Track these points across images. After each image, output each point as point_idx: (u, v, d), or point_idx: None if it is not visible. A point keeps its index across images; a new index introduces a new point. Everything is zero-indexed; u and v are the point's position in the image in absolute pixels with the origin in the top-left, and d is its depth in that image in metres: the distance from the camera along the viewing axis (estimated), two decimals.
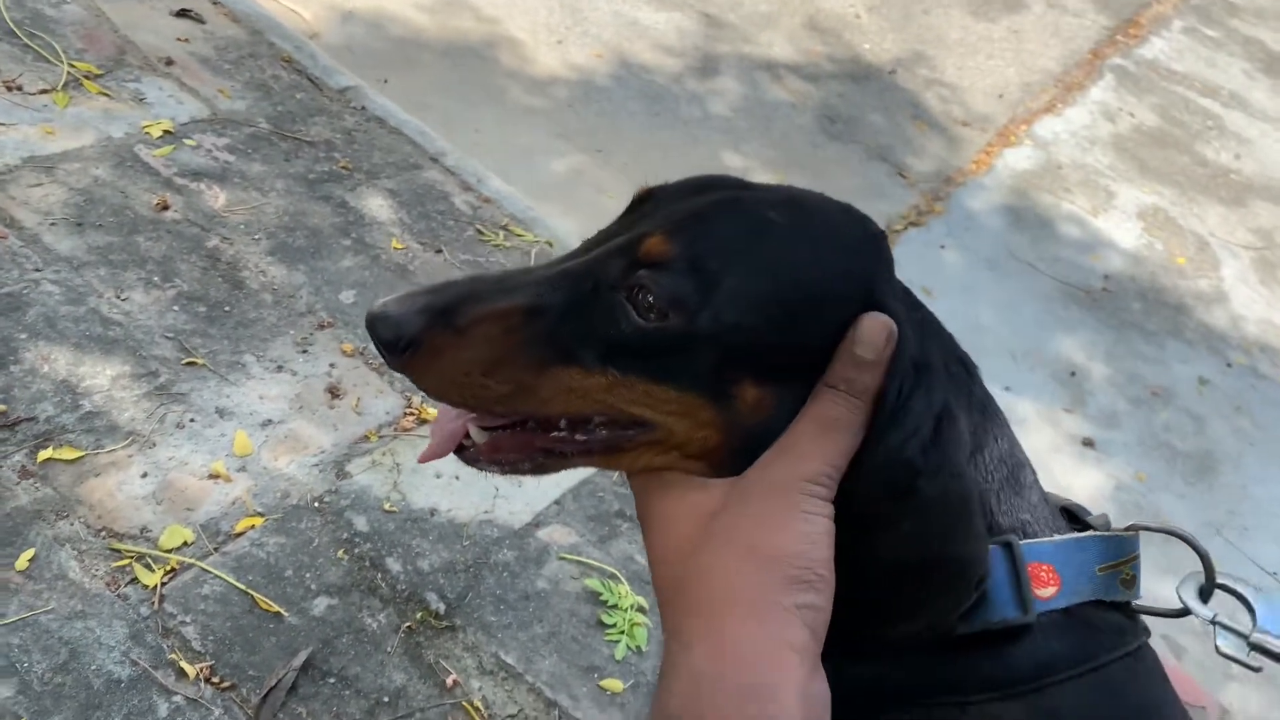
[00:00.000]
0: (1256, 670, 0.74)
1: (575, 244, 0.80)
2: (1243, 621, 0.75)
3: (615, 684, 2.02)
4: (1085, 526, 0.80)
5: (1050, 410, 3.85)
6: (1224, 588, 0.77)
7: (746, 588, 0.64)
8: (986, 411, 0.78)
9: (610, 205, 3.45)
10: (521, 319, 0.71)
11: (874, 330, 0.68)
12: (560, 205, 3.68)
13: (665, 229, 0.71)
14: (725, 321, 0.68)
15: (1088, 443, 3.75)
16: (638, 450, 0.73)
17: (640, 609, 2.16)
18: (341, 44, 4.15)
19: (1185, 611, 0.76)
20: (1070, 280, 4.45)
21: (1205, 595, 0.77)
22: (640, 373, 0.70)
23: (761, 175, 4.35)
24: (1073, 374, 4.02)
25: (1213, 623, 0.75)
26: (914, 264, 4.26)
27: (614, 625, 2.11)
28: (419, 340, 0.69)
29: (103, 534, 1.93)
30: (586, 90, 4.47)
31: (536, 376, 0.71)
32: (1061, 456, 3.68)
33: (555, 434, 0.75)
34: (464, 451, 0.77)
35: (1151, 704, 0.73)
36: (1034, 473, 0.80)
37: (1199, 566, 0.79)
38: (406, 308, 0.70)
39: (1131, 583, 0.75)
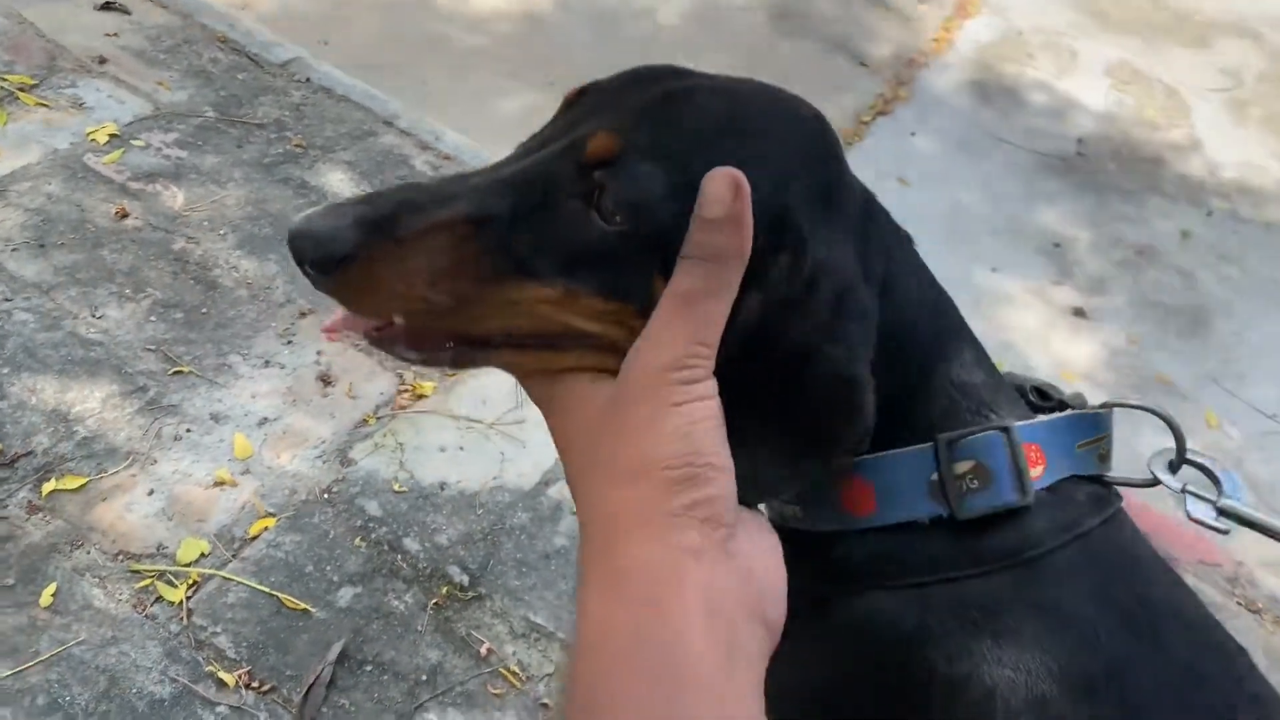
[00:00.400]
0: (1225, 533, 0.78)
1: None
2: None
3: None
4: (1058, 405, 0.82)
5: (1039, 285, 3.85)
6: (1192, 463, 0.80)
7: (628, 511, 0.60)
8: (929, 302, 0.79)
9: None
10: (470, 228, 0.66)
11: (717, 185, 0.62)
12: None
13: (612, 126, 0.68)
14: (665, 224, 0.64)
15: (1079, 312, 3.77)
16: (569, 351, 0.69)
17: None
18: (275, 11, 4.03)
19: (1156, 482, 0.79)
20: (1044, 150, 4.40)
21: (1175, 469, 0.80)
22: (593, 284, 0.66)
23: None
24: (1057, 245, 4.01)
25: (1183, 491, 0.78)
26: (886, 154, 4.21)
27: None
28: (353, 255, 0.62)
29: (120, 557, 1.94)
30: (531, 22, 4.35)
31: (481, 289, 0.66)
32: (1055, 330, 3.69)
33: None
34: (380, 332, 0.69)
35: (1131, 560, 0.76)
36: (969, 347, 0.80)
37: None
38: (337, 220, 0.63)
39: (1107, 457, 0.78)
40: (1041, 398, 0.84)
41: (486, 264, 0.66)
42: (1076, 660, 0.70)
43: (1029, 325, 3.67)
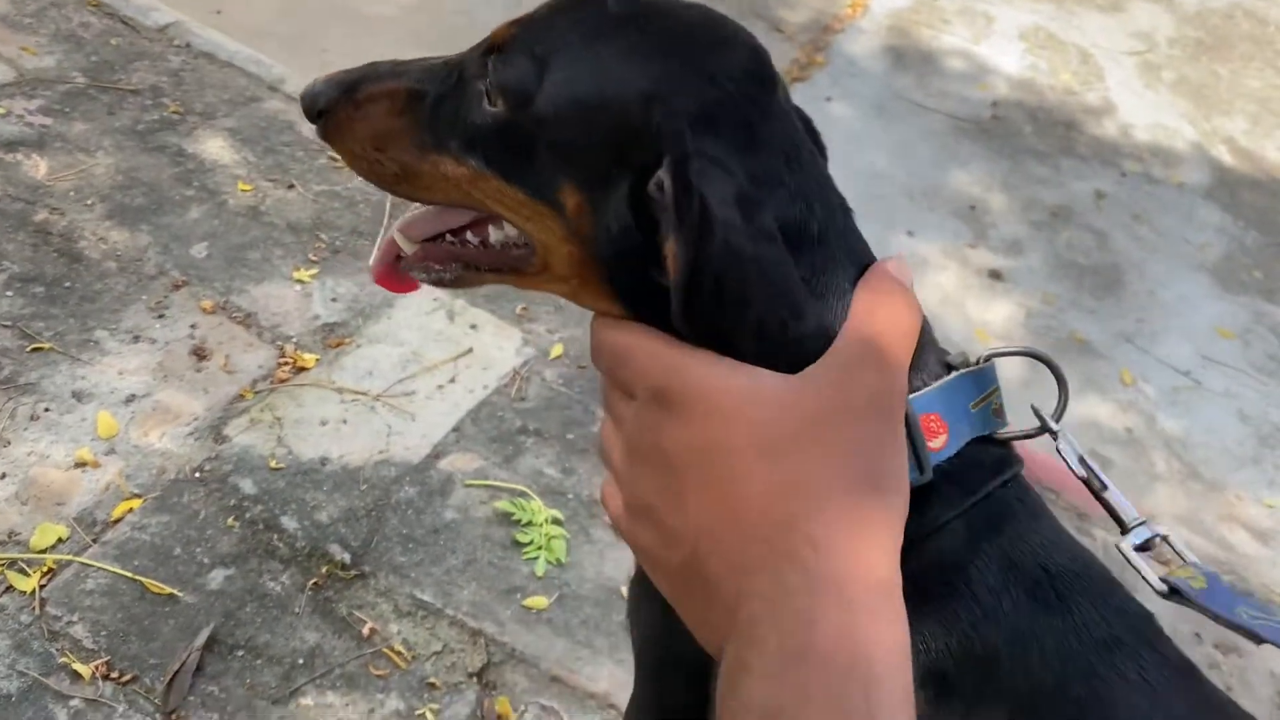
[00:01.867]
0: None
1: None
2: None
3: (539, 601, 1.98)
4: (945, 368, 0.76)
5: (955, 247, 3.83)
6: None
7: (867, 511, 0.57)
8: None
9: None
10: (404, 101, 0.74)
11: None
12: None
13: (517, 19, 0.72)
14: (546, 114, 0.68)
15: (995, 274, 3.75)
16: (534, 272, 0.74)
17: (556, 521, 2.10)
18: None
19: (1043, 430, 0.73)
20: (959, 114, 4.39)
21: (1059, 412, 0.74)
22: (494, 168, 0.71)
23: None
24: (972, 208, 3.99)
25: (1052, 433, 0.72)
26: None
27: (530, 542, 2.06)
28: (328, 111, 0.76)
29: None
30: None
31: (418, 160, 0.74)
32: (971, 291, 3.67)
33: (466, 247, 0.79)
34: (399, 263, 0.81)
35: (1033, 524, 0.72)
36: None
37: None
38: (325, 83, 0.76)
39: (1000, 412, 0.72)
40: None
41: (417, 136, 0.74)
42: (979, 632, 0.66)
43: (946, 287, 3.65)
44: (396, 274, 0.81)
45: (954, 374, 0.71)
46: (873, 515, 0.57)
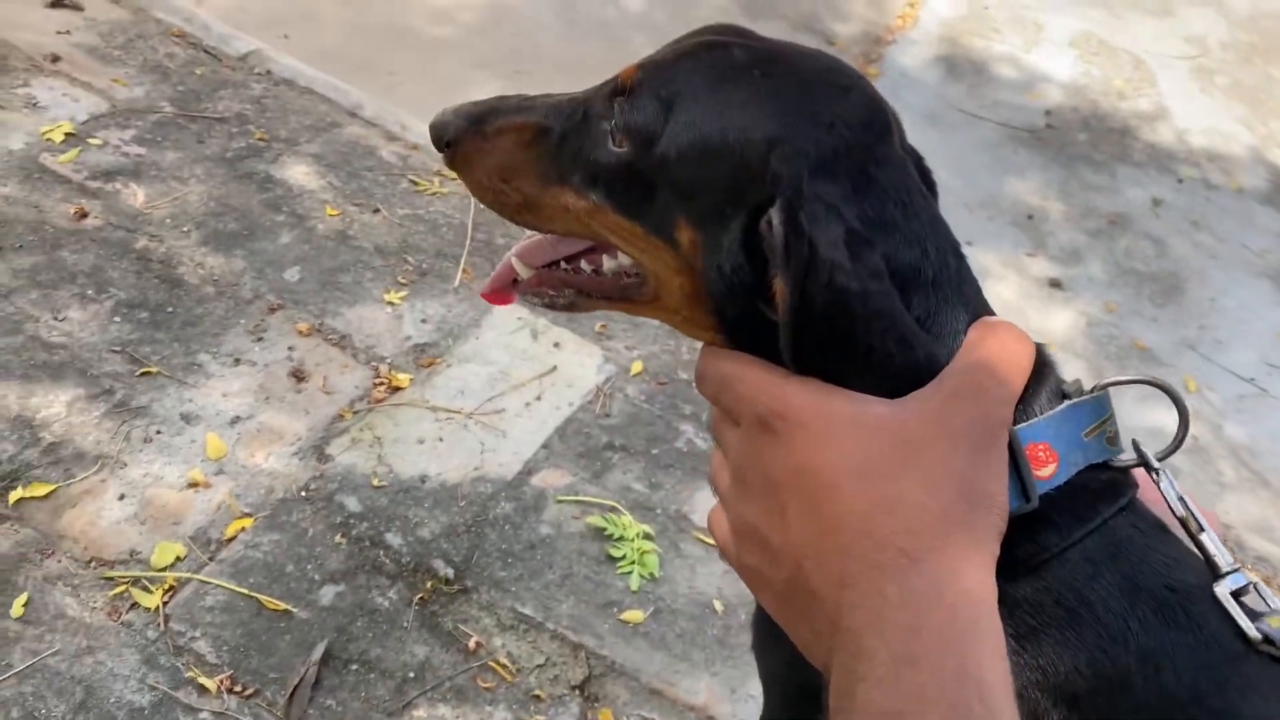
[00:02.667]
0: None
1: None
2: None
3: (635, 615, 2.03)
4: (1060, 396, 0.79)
5: (1014, 257, 3.85)
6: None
7: (962, 530, 0.60)
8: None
9: None
10: (532, 135, 0.79)
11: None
12: None
13: (643, 61, 0.76)
14: (669, 155, 0.71)
15: (1055, 283, 3.77)
16: (645, 300, 0.78)
17: (647, 536, 2.16)
18: (232, 5, 3.95)
19: (1142, 463, 0.73)
20: (1013, 122, 4.40)
21: (1180, 440, 0.74)
22: (614, 203, 0.75)
23: None
24: (1030, 217, 4.01)
25: (1152, 469, 0.73)
26: None
27: (623, 557, 2.11)
28: (456, 141, 0.80)
29: (92, 565, 1.88)
30: (496, 11, 4.30)
31: (541, 192, 0.79)
32: (1031, 301, 3.69)
33: (580, 274, 0.83)
34: (515, 286, 0.86)
35: (1153, 545, 0.72)
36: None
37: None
38: (454, 114, 0.81)
39: (1115, 440, 0.73)
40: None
41: (542, 169, 0.78)
42: (1109, 654, 0.67)
43: (1006, 297, 3.67)
44: (504, 293, 0.86)
45: (1066, 404, 0.72)
46: (965, 534, 0.60)
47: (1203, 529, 0.72)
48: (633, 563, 2.10)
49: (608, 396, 2.44)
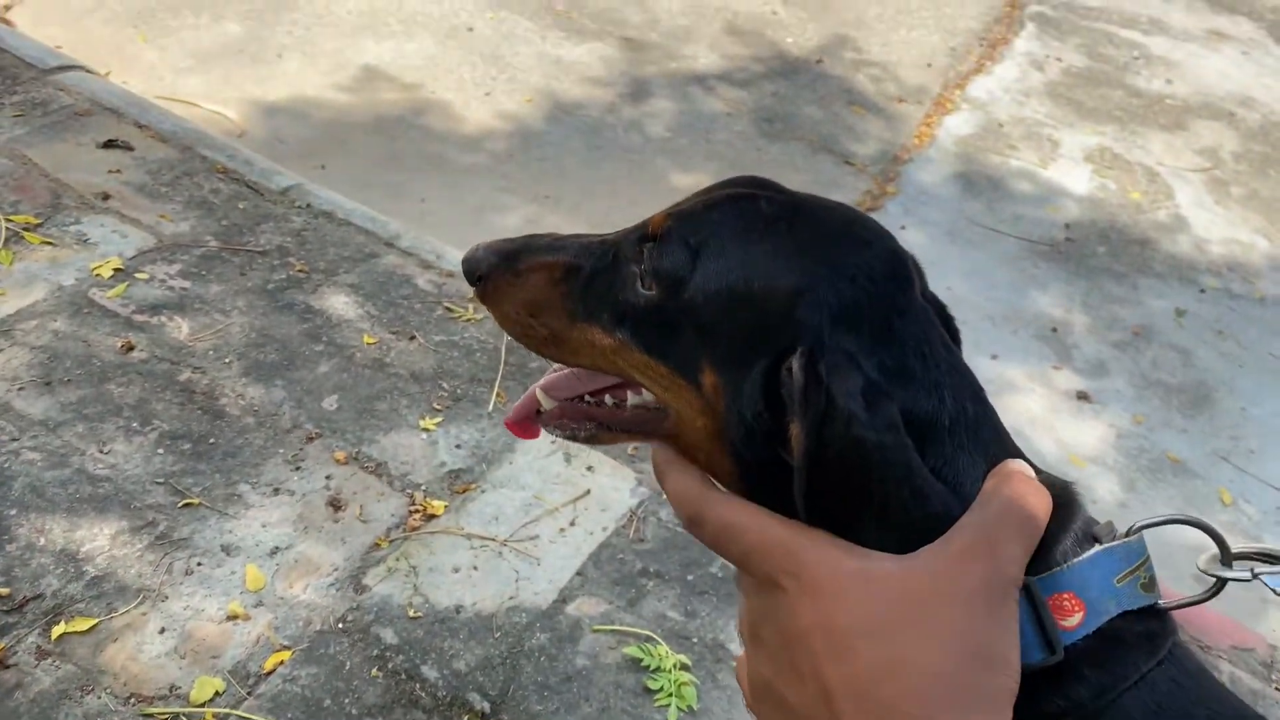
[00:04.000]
0: None
1: None
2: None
3: None
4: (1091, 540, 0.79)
5: (1040, 370, 3.86)
6: (1241, 555, 0.74)
7: (971, 693, 0.59)
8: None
9: None
10: (562, 273, 0.82)
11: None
12: None
13: (671, 210, 0.80)
14: (695, 300, 0.75)
15: (1082, 396, 3.77)
16: (665, 435, 0.80)
17: (684, 667, 2.14)
18: (271, 138, 4.12)
19: (1221, 586, 0.73)
20: (1033, 236, 4.47)
21: (1227, 565, 0.73)
22: (640, 342, 0.77)
23: None
24: (1054, 330, 4.04)
25: (1254, 576, 0.72)
26: None
27: (661, 689, 2.09)
28: (488, 276, 0.84)
29: (132, 701, 1.89)
30: (524, 138, 4.45)
31: (569, 328, 0.82)
32: (1059, 415, 3.69)
33: (602, 407, 0.86)
34: (539, 417, 0.88)
35: (1199, 698, 0.70)
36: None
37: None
38: (486, 250, 0.85)
39: (1151, 585, 0.72)
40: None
41: (570, 306, 0.82)
42: None
43: (1034, 411, 3.67)
44: (528, 425, 0.89)
45: (1095, 549, 0.70)
46: (974, 698, 0.59)
47: None
48: (670, 695, 2.08)
49: (641, 520, 2.45)
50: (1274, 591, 0.75)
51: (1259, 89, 5.82)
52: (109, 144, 3.16)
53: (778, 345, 0.71)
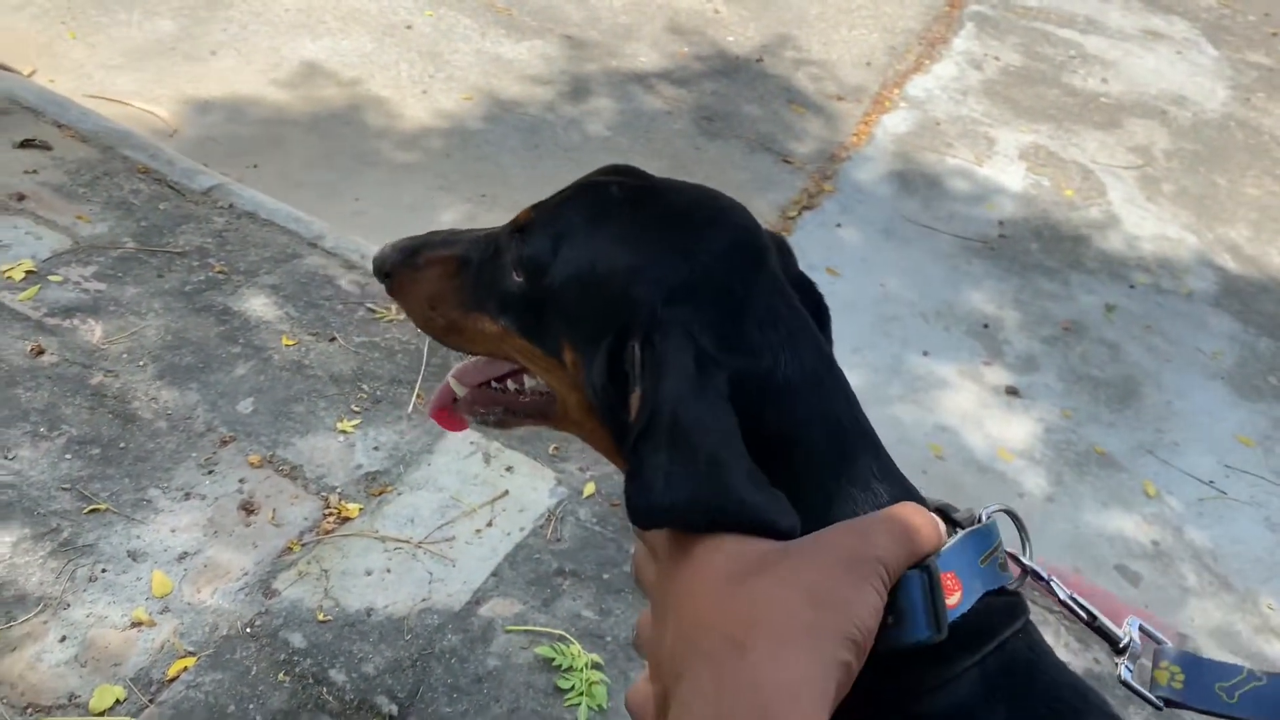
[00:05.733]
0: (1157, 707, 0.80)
1: None
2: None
3: None
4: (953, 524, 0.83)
5: (970, 366, 3.90)
6: (1024, 566, 0.82)
7: (801, 624, 0.61)
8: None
9: None
10: (455, 267, 0.89)
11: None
12: None
13: (536, 204, 0.86)
14: (554, 286, 0.81)
15: (1012, 391, 3.82)
16: (559, 417, 0.87)
17: (596, 666, 2.14)
18: (204, 137, 4.07)
19: (1030, 575, 0.81)
20: (967, 234, 4.52)
21: (1022, 562, 0.82)
22: (518, 327, 0.85)
23: None
24: (985, 326, 4.09)
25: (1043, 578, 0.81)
26: (814, 246, 4.30)
27: (572, 688, 2.09)
28: (392, 273, 0.92)
29: (29, 711, 1.86)
30: (462, 136, 4.43)
31: (463, 318, 0.89)
32: (989, 410, 3.73)
33: (506, 393, 0.93)
34: (455, 405, 0.96)
35: (1041, 667, 0.77)
36: (878, 461, 0.80)
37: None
38: (391, 248, 0.93)
39: (1005, 566, 0.78)
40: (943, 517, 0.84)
41: (462, 297, 0.88)
42: None
43: (964, 407, 3.71)
44: (450, 414, 0.96)
45: (964, 533, 0.76)
46: (803, 632, 0.61)
47: (1095, 617, 0.80)
48: (581, 694, 2.08)
49: (559, 520, 2.45)
50: (1061, 604, 0.80)
51: (1192, 87, 5.92)
52: (26, 144, 3.11)
53: (619, 322, 0.76)
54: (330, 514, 2.32)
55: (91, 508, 2.21)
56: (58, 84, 4.04)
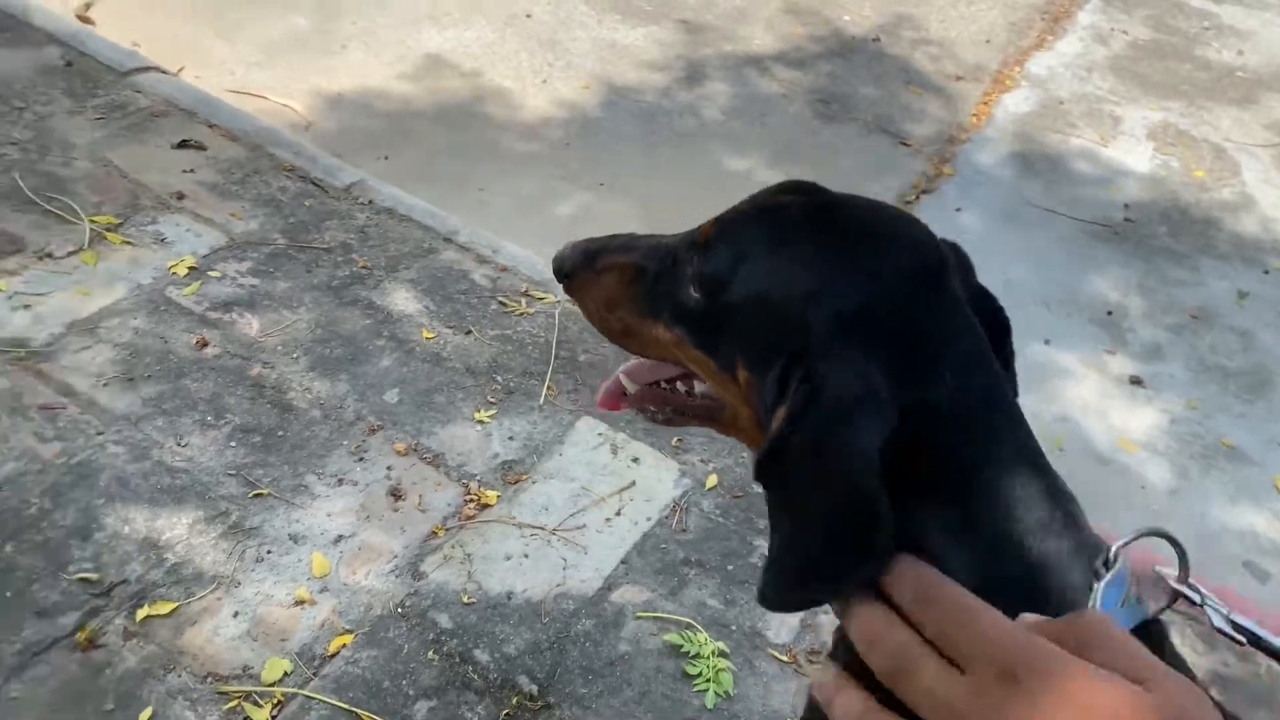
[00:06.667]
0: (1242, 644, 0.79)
1: None
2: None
3: None
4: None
5: (1094, 354, 3.85)
6: (1187, 590, 0.79)
7: None
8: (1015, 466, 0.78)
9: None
10: (632, 274, 0.94)
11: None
12: None
13: (718, 217, 0.90)
14: (732, 304, 0.83)
15: (1136, 380, 3.75)
16: (727, 423, 0.91)
17: (722, 654, 2.24)
18: (338, 129, 4.26)
19: (1175, 598, 0.79)
20: (1091, 217, 4.43)
21: (1182, 581, 0.80)
22: (693, 338, 0.88)
23: (765, 174, 4.38)
24: (1109, 313, 4.01)
25: (1202, 602, 0.79)
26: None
27: (699, 674, 2.19)
28: (572, 274, 0.98)
29: (209, 679, 2.05)
30: (581, 124, 4.53)
31: (639, 323, 0.94)
32: (1113, 400, 3.68)
33: (676, 394, 0.99)
34: (624, 398, 1.03)
35: None
36: (1067, 514, 0.79)
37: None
38: (572, 250, 0.99)
39: (1142, 599, 0.78)
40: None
41: (639, 304, 0.93)
42: None
43: (1086, 396, 3.67)
44: (615, 402, 1.04)
45: (1099, 585, 0.74)
46: None
47: (1260, 638, 0.77)
48: (708, 680, 2.18)
49: (684, 511, 2.55)
50: (1218, 630, 0.82)
51: None
52: (183, 144, 3.32)
53: (791, 347, 0.76)
54: (471, 500, 2.46)
55: (255, 493, 2.39)
56: (203, 80, 4.28)
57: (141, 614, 2.12)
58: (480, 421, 2.66)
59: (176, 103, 3.47)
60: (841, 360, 0.74)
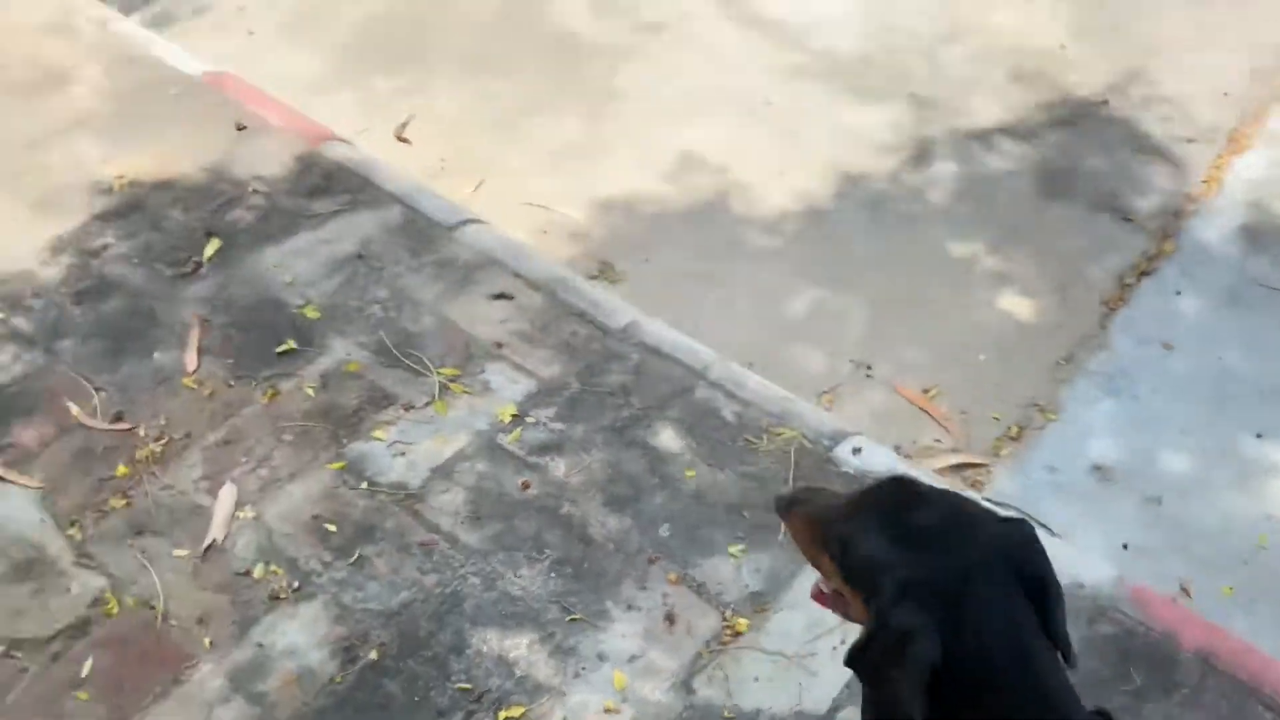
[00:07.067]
0: None
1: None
2: None
3: None
4: None
5: None
6: None
7: None
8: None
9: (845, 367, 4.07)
10: (816, 524, 1.64)
11: None
12: (805, 352, 4.38)
13: (852, 499, 1.62)
14: (850, 565, 1.52)
15: None
16: (860, 623, 1.53)
17: None
18: (609, 235, 5.03)
19: None
20: None
21: None
22: (840, 573, 1.55)
23: (988, 260, 4.78)
24: None
25: None
26: (1149, 318, 4.51)
27: None
28: (783, 514, 1.79)
29: None
30: (813, 217, 5.05)
31: (818, 554, 1.62)
32: None
33: (847, 604, 1.61)
34: (821, 598, 1.76)
35: None
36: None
37: None
38: (786, 495, 1.80)
39: None
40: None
41: (815, 543, 1.63)
42: None
43: None
44: (819, 598, 1.78)
45: None
46: None
47: None
48: None
49: None
50: None
51: None
52: (499, 296, 4.20)
53: (874, 596, 1.43)
54: (728, 628, 3.23)
55: (571, 617, 3.26)
56: (498, 191, 5.17)
57: (502, 715, 3.05)
58: (733, 555, 3.42)
59: (489, 254, 4.35)
60: (900, 608, 1.36)
